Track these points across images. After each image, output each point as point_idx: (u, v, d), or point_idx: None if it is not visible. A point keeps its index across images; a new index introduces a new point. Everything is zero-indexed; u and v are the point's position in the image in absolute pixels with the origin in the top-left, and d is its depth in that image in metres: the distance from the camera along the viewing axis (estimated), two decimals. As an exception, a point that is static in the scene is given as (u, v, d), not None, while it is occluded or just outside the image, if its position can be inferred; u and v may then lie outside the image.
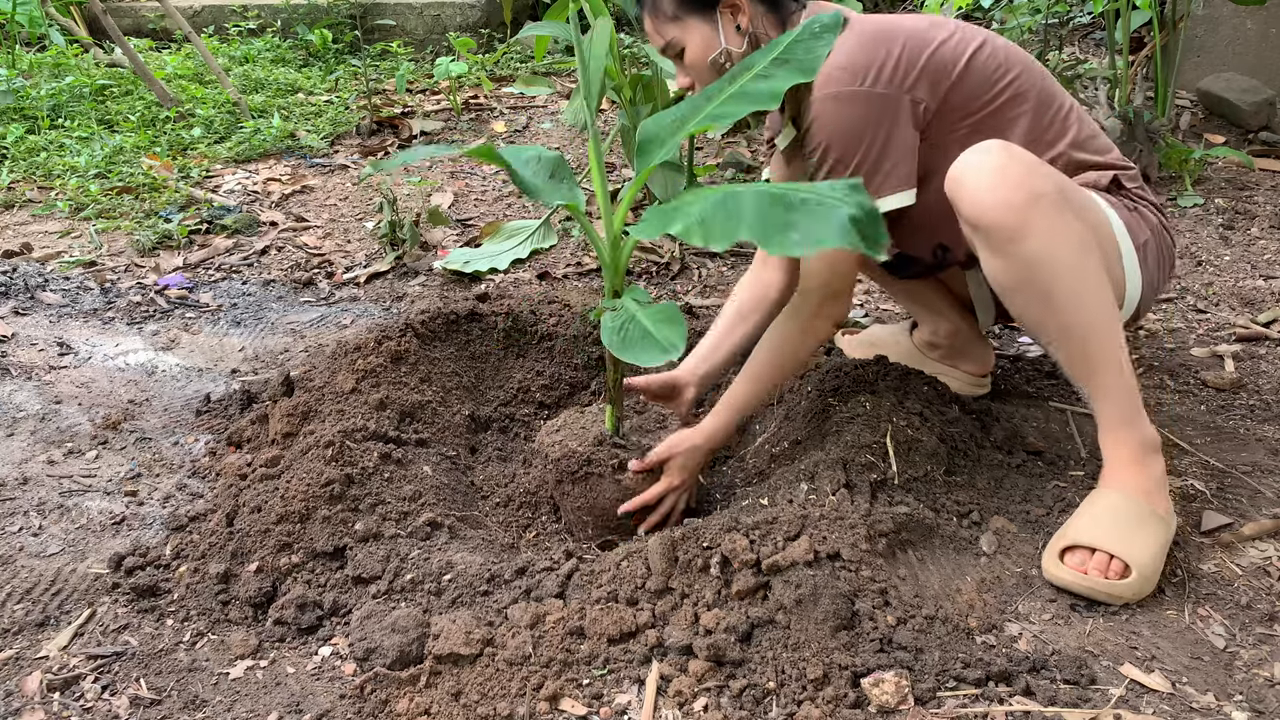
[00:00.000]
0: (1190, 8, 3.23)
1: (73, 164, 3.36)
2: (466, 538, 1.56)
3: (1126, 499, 1.45)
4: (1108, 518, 1.45)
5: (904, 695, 1.23)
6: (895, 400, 1.71)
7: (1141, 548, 1.42)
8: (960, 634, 1.34)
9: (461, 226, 2.98)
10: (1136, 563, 1.41)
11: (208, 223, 2.95)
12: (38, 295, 2.49)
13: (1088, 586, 1.41)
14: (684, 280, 2.56)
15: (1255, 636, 1.37)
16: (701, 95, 1.52)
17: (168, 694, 1.31)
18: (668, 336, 1.32)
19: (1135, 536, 1.42)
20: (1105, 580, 1.41)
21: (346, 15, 4.87)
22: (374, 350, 1.89)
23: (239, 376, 2.14)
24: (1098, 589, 1.41)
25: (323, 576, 1.47)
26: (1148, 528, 1.43)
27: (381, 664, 1.31)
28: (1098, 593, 1.41)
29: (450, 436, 1.83)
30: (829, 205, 1.26)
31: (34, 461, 1.81)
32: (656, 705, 1.23)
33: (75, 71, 4.32)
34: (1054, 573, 1.44)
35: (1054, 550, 1.46)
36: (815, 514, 1.42)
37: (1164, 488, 1.48)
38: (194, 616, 1.44)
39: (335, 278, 2.65)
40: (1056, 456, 1.76)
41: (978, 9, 4.72)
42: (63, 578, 1.50)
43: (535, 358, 2.05)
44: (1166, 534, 1.45)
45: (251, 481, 1.63)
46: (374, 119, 3.87)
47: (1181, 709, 1.24)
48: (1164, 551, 1.44)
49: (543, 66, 4.52)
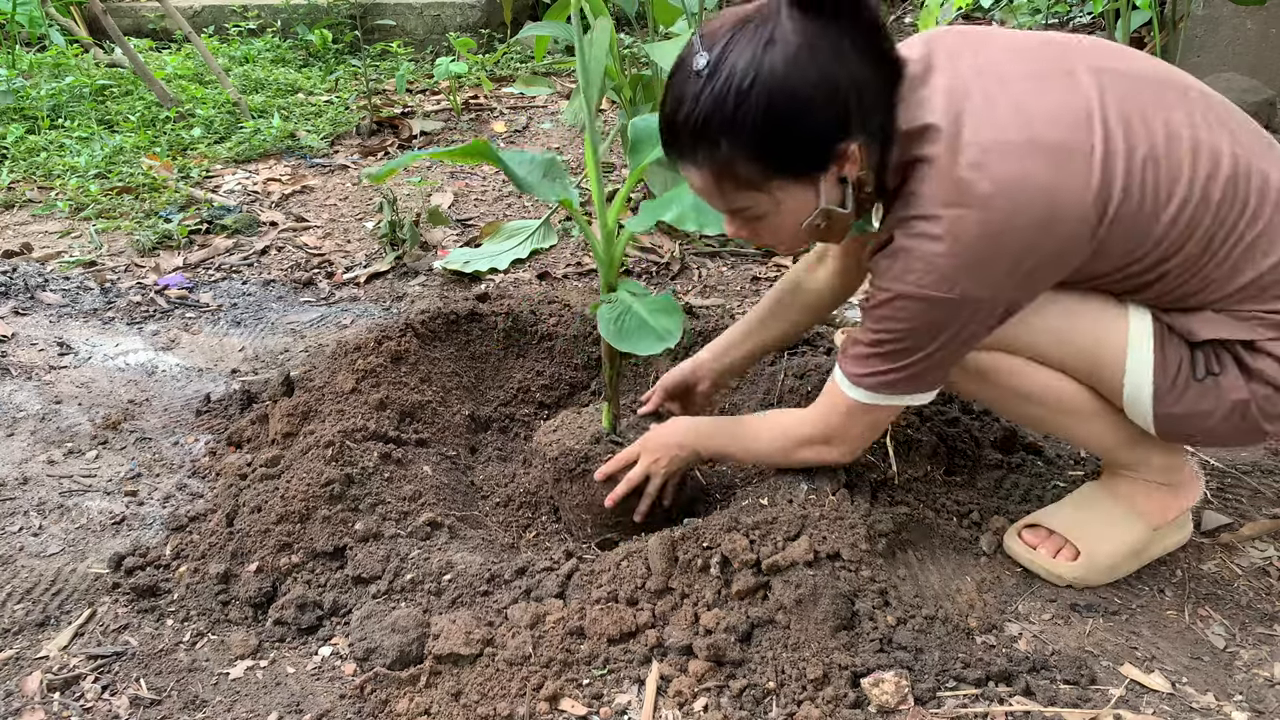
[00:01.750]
0: (1190, 8, 3.23)
1: (73, 164, 3.36)
2: (466, 538, 1.56)
3: (1106, 497, 1.47)
4: (1075, 506, 1.49)
5: (904, 695, 1.23)
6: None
7: (1099, 539, 1.45)
8: (960, 634, 1.34)
9: (461, 226, 2.98)
10: (1088, 551, 1.44)
11: (208, 223, 2.95)
12: (38, 295, 2.49)
13: (1030, 560, 1.48)
14: (684, 280, 2.56)
15: (1255, 636, 1.37)
16: None
17: (168, 694, 1.31)
18: (664, 325, 1.33)
19: (1097, 529, 1.45)
20: (1050, 559, 1.46)
21: (346, 15, 4.87)
22: (374, 350, 1.89)
23: (239, 376, 2.14)
24: (1037, 564, 1.47)
25: (323, 576, 1.47)
26: (1116, 526, 1.45)
27: (381, 664, 1.31)
28: (1038, 568, 1.47)
29: (450, 436, 1.83)
30: None
31: (34, 461, 1.81)
32: (656, 705, 1.23)
33: (75, 71, 4.32)
34: (1009, 544, 1.51)
35: (1017, 527, 1.52)
36: (815, 514, 1.41)
37: (1164, 504, 1.45)
38: (194, 616, 1.44)
39: (335, 278, 2.65)
40: (1056, 456, 1.76)
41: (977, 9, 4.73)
42: (63, 578, 1.50)
43: (535, 358, 2.05)
44: (1140, 539, 1.45)
45: (251, 481, 1.63)
46: (374, 119, 3.87)
47: (1181, 709, 1.24)
48: (1130, 552, 1.45)
49: (543, 66, 4.52)
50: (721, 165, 1.16)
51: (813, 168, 1.16)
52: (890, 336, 1.22)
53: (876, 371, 1.26)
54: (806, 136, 1.13)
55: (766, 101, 1.10)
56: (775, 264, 2.62)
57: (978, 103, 1.15)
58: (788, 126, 1.12)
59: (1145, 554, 1.47)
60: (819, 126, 1.13)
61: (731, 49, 1.10)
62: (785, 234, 1.25)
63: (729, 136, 1.12)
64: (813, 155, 1.15)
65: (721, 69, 1.10)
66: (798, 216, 1.21)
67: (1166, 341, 1.27)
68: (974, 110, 1.15)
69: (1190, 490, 1.46)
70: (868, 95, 1.14)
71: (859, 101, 1.12)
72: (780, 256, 2.63)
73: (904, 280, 1.17)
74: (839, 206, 1.20)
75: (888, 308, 1.20)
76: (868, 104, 1.14)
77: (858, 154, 1.15)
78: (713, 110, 1.12)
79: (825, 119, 1.12)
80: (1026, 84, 1.16)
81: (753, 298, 2.44)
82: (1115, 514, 1.45)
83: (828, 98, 1.11)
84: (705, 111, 1.12)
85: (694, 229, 1.32)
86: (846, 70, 1.11)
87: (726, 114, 1.11)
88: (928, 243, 1.14)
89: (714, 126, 1.12)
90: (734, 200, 1.21)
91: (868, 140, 1.16)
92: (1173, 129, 1.17)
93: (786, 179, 1.17)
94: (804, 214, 1.21)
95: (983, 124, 1.14)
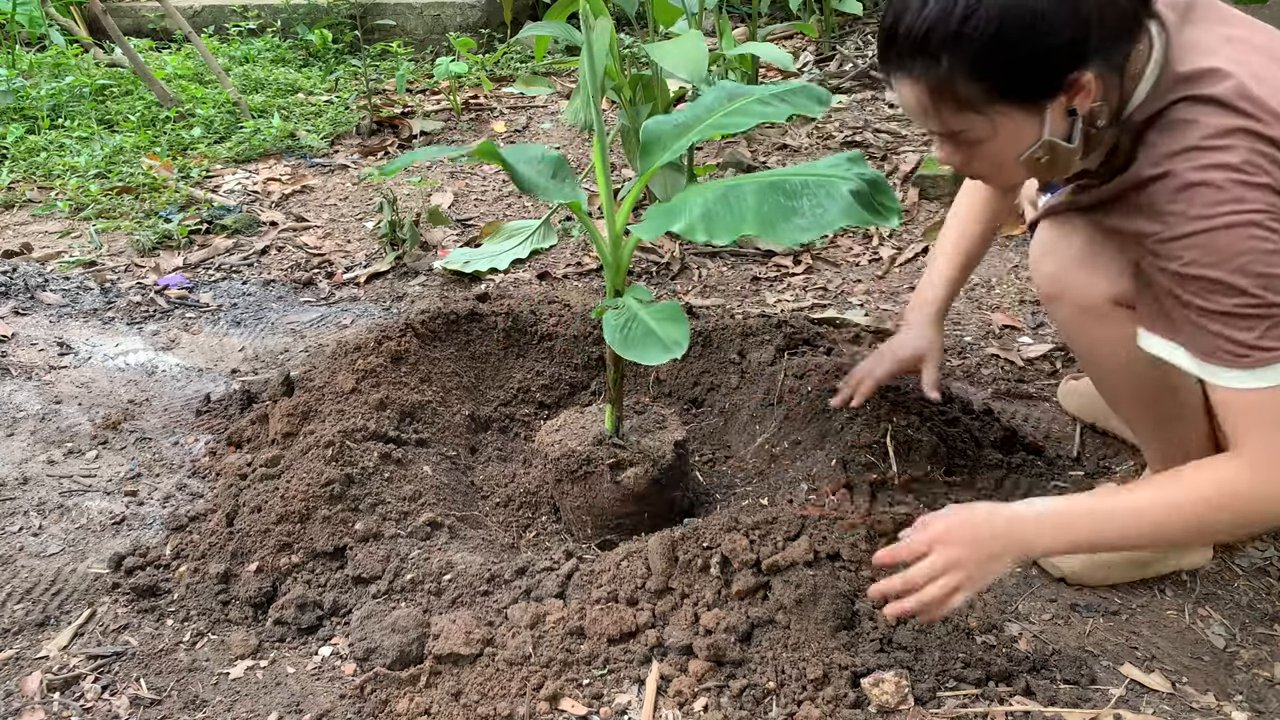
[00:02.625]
0: (1190, 8, 3.22)
1: (73, 164, 3.36)
2: (466, 538, 1.56)
3: None
4: None
5: (904, 695, 1.23)
6: (895, 400, 1.71)
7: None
8: (960, 634, 1.34)
9: (461, 226, 2.98)
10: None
11: (208, 223, 2.95)
12: (38, 295, 2.49)
13: None
14: (684, 280, 2.56)
15: (1255, 636, 1.37)
16: (701, 106, 1.50)
17: (168, 694, 1.31)
18: (670, 334, 1.32)
19: None
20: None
21: (346, 15, 4.87)
22: (374, 350, 1.89)
23: (239, 376, 2.14)
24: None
25: (323, 576, 1.47)
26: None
27: (381, 664, 1.31)
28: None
29: (450, 436, 1.83)
30: (829, 184, 1.25)
31: (34, 461, 1.81)
32: (656, 705, 1.23)
33: (75, 71, 4.31)
34: None
35: None
36: (815, 514, 1.41)
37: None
38: (194, 616, 1.44)
39: (335, 278, 2.65)
40: (1056, 456, 1.76)
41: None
42: (63, 578, 1.50)
43: (535, 358, 2.05)
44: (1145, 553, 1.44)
45: (251, 481, 1.63)
46: (374, 119, 3.87)
47: (1181, 709, 1.24)
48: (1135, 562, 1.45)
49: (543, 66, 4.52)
50: (940, 82, 1.06)
51: (1041, 95, 1.06)
52: (1255, 281, 1.02)
53: (1263, 340, 1.04)
54: (1038, 59, 1.02)
55: (999, 16, 1.00)
56: (775, 264, 2.62)
57: (1257, 64, 1.06)
58: (1019, 46, 1.01)
59: (1152, 567, 1.46)
60: (1054, 50, 1.02)
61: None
62: (1001, 165, 1.15)
63: (952, 52, 1.03)
64: (1043, 81, 1.05)
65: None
66: (1017, 146, 1.11)
67: None
68: (1262, 77, 1.05)
69: None
70: (1110, 22, 1.03)
71: (1101, 27, 1.02)
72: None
73: (1219, 212, 1.02)
74: (1065, 140, 1.10)
75: (1221, 256, 1.02)
76: (1110, 31, 1.03)
77: (1093, 85, 1.05)
78: (938, 21, 1.02)
79: (1062, 42, 1.01)
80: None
81: (753, 297, 2.44)
82: None
83: (1068, 19, 1.00)
84: (930, 22, 1.03)
85: (703, 240, 1.31)
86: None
87: (952, 26, 1.02)
88: (1226, 170, 1.01)
89: (936, 39, 1.03)
90: (949, 122, 1.11)
91: (1106, 71, 1.06)
92: None
93: (1010, 104, 1.07)
94: (1025, 144, 1.11)
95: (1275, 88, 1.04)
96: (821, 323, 2.23)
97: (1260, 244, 1.01)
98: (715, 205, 1.35)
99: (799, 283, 2.53)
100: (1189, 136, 1.05)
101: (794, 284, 2.52)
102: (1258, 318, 1.03)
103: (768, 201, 1.33)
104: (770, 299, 2.44)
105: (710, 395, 1.98)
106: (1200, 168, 1.04)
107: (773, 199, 1.27)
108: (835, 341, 2.16)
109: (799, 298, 2.45)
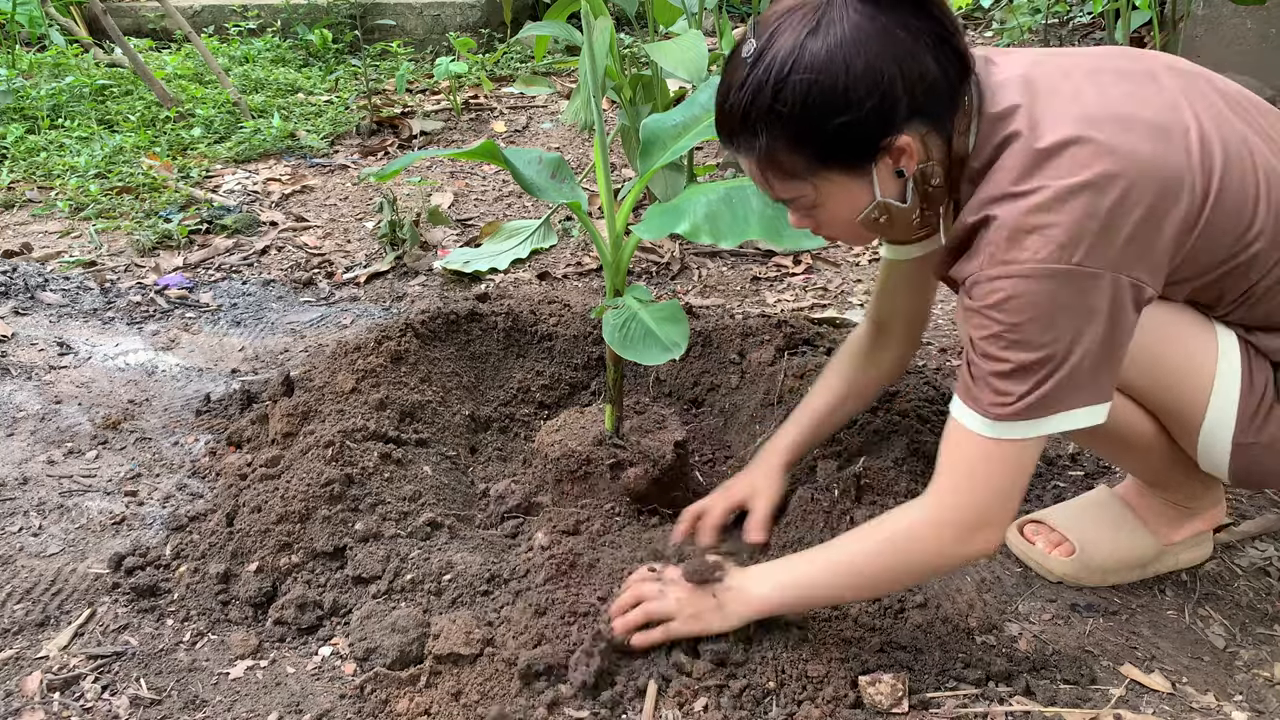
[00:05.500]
0: (1190, 8, 3.23)
1: (73, 164, 3.36)
2: (466, 538, 1.56)
3: (1119, 504, 1.47)
4: (1082, 507, 1.50)
5: (903, 695, 1.23)
6: (894, 400, 1.71)
7: (1098, 541, 1.44)
8: (960, 634, 1.34)
9: (461, 226, 2.98)
10: (1084, 550, 1.44)
11: (208, 223, 2.95)
12: (38, 295, 2.49)
13: (1025, 553, 1.49)
14: (684, 280, 2.56)
15: (1255, 636, 1.37)
16: (700, 106, 1.50)
17: (168, 694, 1.31)
18: (670, 335, 1.32)
19: (1099, 531, 1.45)
20: (1044, 553, 1.46)
21: (346, 15, 4.87)
22: (374, 350, 1.89)
23: (239, 376, 2.14)
24: (1032, 557, 1.48)
25: (323, 576, 1.47)
26: (1121, 533, 1.45)
27: (381, 664, 1.31)
28: (1032, 561, 1.48)
29: (450, 436, 1.83)
30: None
31: (34, 461, 1.81)
32: (656, 705, 1.23)
33: (75, 71, 4.32)
34: (1009, 538, 1.52)
35: (1019, 521, 1.53)
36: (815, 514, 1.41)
37: (1179, 524, 1.44)
38: (194, 616, 1.44)
39: (335, 278, 2.65)
40: (1056, 456, 1.76)
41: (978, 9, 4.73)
42: (63, 578, 1.50)
43: (535, 358, 2.05)
44: (1145, 553, 1.45)
45: (251, 481, 1.63)
46: (374, 119, 3.87)
47: (1181, 709, 1.24)
48: (1133, 563, 1.45)
49: (543, 66, 4.52)
50: (765, 154, 1.12)
51: (860, 159, 1.11)
52: (1017, 338, 1.06)
53: (1017, 394, 1.08)
54: (847, 128, 1.07)
55: (806, 89, 1.05)
56: (775, 264, 2.62)
57: (1059, 84, 1.11)
58: (827, 117, 1.06)
59: (1151, 568, 1.46)
60: (861, 119, 1.06)
61: (778, 36, 1.07)
62: (841, 227, 1.20)
63: (768, 125, 1.09)
64: (857, 147, 1.10)
65: (765, 56, 1.07)
66: (853, 209, 1.15)
67: (1253, 361, 1.20)
68: (1057, 90, 1.10)
69: (1211, 515, 1.45)
70: (925, 86, 1.07)
71: (912, 92, 1.06)
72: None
73: (1014, 263, 1.05)
74: (898, 201, 1.14)
75: (1000, 308, 1.06)
76: (925, 94, 1.07)
77: (913, 146, 1.09)
78: (754, 98, 1.09)
79: (868, 110, 1.06)
80: (1107, 76, 1.12)
81: (752, 297, 2.44)
82: (1123, 522, 1.45)
83: (870, 88, 1.05)
84: (747, 99, 1.09)
85: (708, 242, 1.31)
86: (901, 60, 1.05)
87: (765, 102, 1.08)
88: (1031, 215, 1.04)
89: (754, 115, 1.09)
90: (781, 190, 1.16)
91: (928, 132, 1.10)
92: (1255, 129, 1.14)
93: (834, 170, 1.12)
94: (860, 207, 1.15)
95: (1069, 103, 1.09)
96: (821, 323, 2.23)
97: (1045, 299, 1.04)
98: (719, 207, 1.35)
99: (799, 283, 2.53)
100: (1000, 182, 1.08)
101: (794, 284, 2.53)
102: (1027, 372, 1.07)
103: (771, 204, 1.33)
104: (770, 299, 2.44)
105: (710, 395, 1.98)
106: (1014, 215, 1.06)
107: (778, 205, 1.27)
108: (835, 341, 2.16)
109: (799, 298, 2.45)
